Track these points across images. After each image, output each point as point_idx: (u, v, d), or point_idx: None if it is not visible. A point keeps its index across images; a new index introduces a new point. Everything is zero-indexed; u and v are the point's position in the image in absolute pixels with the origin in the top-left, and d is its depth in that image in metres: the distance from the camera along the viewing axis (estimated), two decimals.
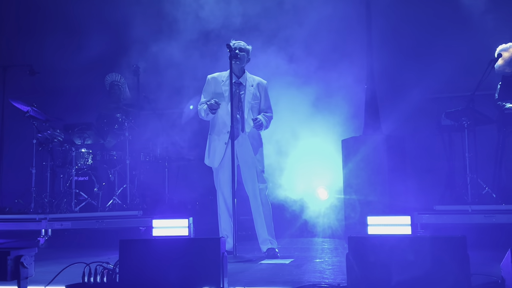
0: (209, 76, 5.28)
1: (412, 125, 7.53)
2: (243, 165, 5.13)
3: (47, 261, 4.92)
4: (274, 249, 5.06)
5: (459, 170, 6.56)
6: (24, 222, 6.55)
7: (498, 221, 5.55)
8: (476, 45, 7.19)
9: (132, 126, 7.32)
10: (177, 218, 5.14)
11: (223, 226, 5.17)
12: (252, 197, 5.15)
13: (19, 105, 6.96)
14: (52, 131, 7.07)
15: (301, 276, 3.93)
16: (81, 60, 8.60)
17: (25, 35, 8.93)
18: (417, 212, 5.73)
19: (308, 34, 7.43)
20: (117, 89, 7.86)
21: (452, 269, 2.97)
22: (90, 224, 6.46)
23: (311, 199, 7.40)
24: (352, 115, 7.05)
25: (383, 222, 4.37)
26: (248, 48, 5.22)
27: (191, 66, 7.30)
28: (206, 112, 5.09)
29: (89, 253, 5.41)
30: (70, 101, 8.67)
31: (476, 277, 3.14)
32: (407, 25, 7.59)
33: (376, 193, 5.97)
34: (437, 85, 7.75)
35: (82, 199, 7.06)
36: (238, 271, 4.16)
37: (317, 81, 7.15)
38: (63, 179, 7.31)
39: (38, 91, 8.23)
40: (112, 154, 7.42)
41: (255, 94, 5.19)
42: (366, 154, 6.08)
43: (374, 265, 3.08)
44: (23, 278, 3.13)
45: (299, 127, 7.22)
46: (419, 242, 3.13)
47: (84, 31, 8.72)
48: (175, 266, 3.22)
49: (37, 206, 6.87)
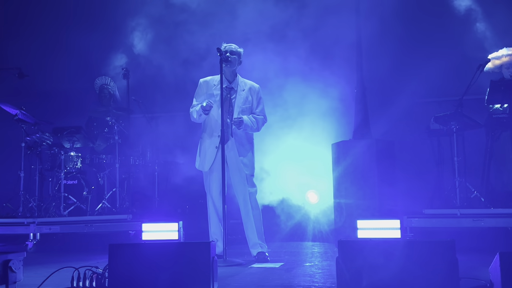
0: (201, 79, 5.27)
1: (401, 129, 7.57)
2: (232, 169, 5.12)
3: (36, 265, 4.89)
4: (264, 253, 5.05)
5: (448, 174, 6.60)
6: (12, 226, 6.49)
7: (487, 225, 5.59)
8: (465, 50, 7.25)
9: (122, 130, 7.29)
10: (167, 222, 5.14)
11: (213, 230, 5.16)
12: (242, 201, 5.14)
13: (8, 108, 6.91)
14: (41, 134, 7.03)
15: (291, 280, 3.94)
16: (70, 63, 8.58)
17: (14, 38, 8.88)
18: (406, 216, 5.75)
19: (299, 38, 7.46)
20: (106, 93, 7.83)
21: (441, 273, 2.99)
22: (79, 228, 6.41)
23: (301, 203, 7.42)
24: (342, 119, 7.08)
25: (373, 226, 4.39)
26: (240, 50, 5.20)
27: (183, 70, 7.30)
28: (199, 113, 5.06)
29: (78, 257, 5.38)
30: (59, 104, 8.63)
31: (465, 281, 3.16)
32: (396, 29, 7.64)
33: (365, 197, 6.00)
34: (426, 89, 7.82)
35: (71, 203, 7.02)
36: (228, 275, 4.16)
37: (307, 85, 7.17)
38: (52, 183, 7.26)
39: (27, 94, 8.18)
40: (102, 157, 7.38)
41: (246, 98, 5.17)
42: (356, 158, 6.11)
43: (364, 269, 3.09)
44: (11, 282, 3.10)
45: (289, 131, 7.24)
46: (408, 246, 3.14)
47: (73, 34, 8.69)
48: (165, 270, 3.21)
49: (25, 210, 6.82)
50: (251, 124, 5.10)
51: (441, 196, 6.56)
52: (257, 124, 5.17)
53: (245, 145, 5.17)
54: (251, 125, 5.10)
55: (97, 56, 8.52)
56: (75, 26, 8.78)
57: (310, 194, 7.44)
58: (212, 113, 5.06)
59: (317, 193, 7.42)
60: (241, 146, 5.13)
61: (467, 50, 7.17)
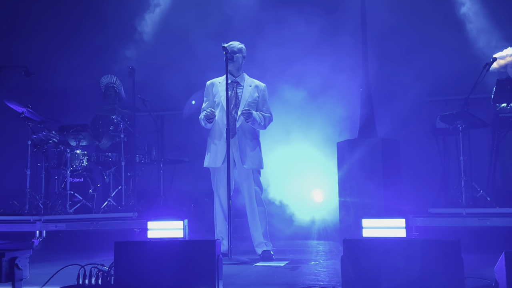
0: (208, 82, 5.35)
1: (407, 128, 7.56)
2: (238, 166, 5.14)
3: (42, 262, 4.91)
4: (269, 252, 5.06)
5: (454, 173, 6.58)
6: (19, 223, 6.52)
7: (492, 224, 5.57)
8: (471, 48, 7.23)
9: (128, 128, 7.31)
10: (172, 220, 5.19)
11: (219, 228, 5.17)
12: (248, 199, 5.16)
13: (14, 106, 6.94)
14: (47, 132, 7.05)
15: (296, 278, 3.94)
16: (76, 62, 8.61)
17: (21, 36, 8.92)
18: (412, 215, 5.74)
19: (304, 36, 7.46)
20: (112, 91, 7.84)
21: (446, 272, 2.98)
22: (85, 226, 6.44)
23: (306, 202, 7.41)
24: (348, 118, 7.07)
25: (378, 225, 4.41)
26: (241, 47, 5.25)
27: (187, 67, 7.31)
28: (204, 122, 5.15)
29: (84, 255, 5.40)
30: (66, 102, 8.67)
31: (470, 280, 3.16)
32: (402, 28, 7.63)
33: (371, 196, 5.99)
34: (432, 88, 7.80)
35: (77, 201, 7.04)
36: (233, 273, 4.16)
37: (313, 84, 7.16)
38: (58, 181, 7.28)
39: (33, 92, 8.22)
40: (107, 155, 7.40)
41: (253, 94, 5.20)
42: (361, 157, 6.10)
43: (369, 268, 3.09)
44: (17, 280, 3.12)
45: (294, 130, 7.23)
46: (413, 245, 3.14)
47: (80, 32, 8.72)
48: (170, 268, 3.21)
49: (31, 207, 6.85)
50: (259, 119, 5.13)
51: (446, 195, 6.55)
52: (264, 121, 5.20)
53: (251, 140, 5.18)
54: (259, 120, 5.13)
55: (103, 55, 8.55)
56: (81, 24, 8.81)
57: (315, 192, 7.44)
58: (221, 108, 5.09)
59: (322, 191, 7.42)
60: (248, 142, 5.15)
61: (473, 48, 7.15)
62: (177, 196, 8.04)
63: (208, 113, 5.07)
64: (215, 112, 5.11)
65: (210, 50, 6.76)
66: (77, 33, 8.73)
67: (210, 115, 5.07)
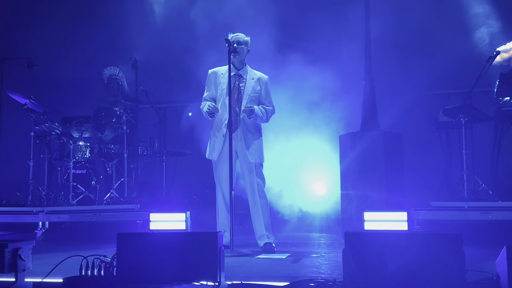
0: (210, 70, 5.31)
1: (410, 121, 7.55)
2: (241, 158, 5.15)
3: (45, 253, 4.94)
4: (271, 244, 5.07)
5: (456, 167, 6.58)
6: (22, 214, 6.55)
7: (494, 217, 5.57)
8: (474, 41, 7.20)
9: (130, 120, 7.32)
10: (174, 212, 5.20)
11: (221, 220, 5.18)
12: (250, 192, 5.16)
13: (17, 98, 6.95)
14: (50, 124, 7.06)
15: (297, 271, 3.95)
16: (79, 53, 8.60)
17: (24, 27, 8.92)
18: (414, 208, 5.75)
19: (307, 30, 7.44)
20: (115, 83, 7.84)
21: (448, 265, 2.99)
22: (88, 217, 6.47)
23: (308, 194, 7.42)
24: (350, 111, 7.06)
25: (380, 218, 4.40)
26: (247, 39, 5.21)
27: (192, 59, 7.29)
28: (206, 115, 5.16)
29: (87, 246, 5.42)
30: (68, 94, 8.67)
31: (472, 274, 3.16)
32: (405, 21, 7.59)
33: (373, 189, 5.99)
34: (435, 81, 7.78)
35: (80, 192, 7.07)
36: (235, 265, 4.17)
37: (315, 77, 7.15)
38: (61, 172, 7.30)
39: (36, 83, 8.22)
40: (110, 147, 7.42)
41: (255, 87, 5.19)
42: (363, 150, 6.10)
43: (371, 261, 3.10)
44: (20, 270, 3.14)
45: (296, 122, 7.22)
46: (415, 238, 3.15)
47: (83, 23, 8.71)
48: (172, 260, 3.23)
49: (34, 198, 6.87)
50: (261, 114, 5.13)
51: (448, 189, 6.55)
52: (266, 115, 5.20)
53: (253, 133, 5.19)
54: (261, 115, 5.13)
55: (106, 47, 8.53)
56: (85, 16, 8.80)
57: (317, 185, 7.44)
58: (223, 102, 5.08)
59: (324, 184, 7.42)
60: (250, 135, 5.15)
61: (476, 42, 7.13)
62: (180, 188, 8.06)
63: (210, 108, 5.07)
64: (217, 107, 5.10)
65: (214, 43, 6.77)
66: (80, 25, 8.71)
67: (212, 110, 5.07)
